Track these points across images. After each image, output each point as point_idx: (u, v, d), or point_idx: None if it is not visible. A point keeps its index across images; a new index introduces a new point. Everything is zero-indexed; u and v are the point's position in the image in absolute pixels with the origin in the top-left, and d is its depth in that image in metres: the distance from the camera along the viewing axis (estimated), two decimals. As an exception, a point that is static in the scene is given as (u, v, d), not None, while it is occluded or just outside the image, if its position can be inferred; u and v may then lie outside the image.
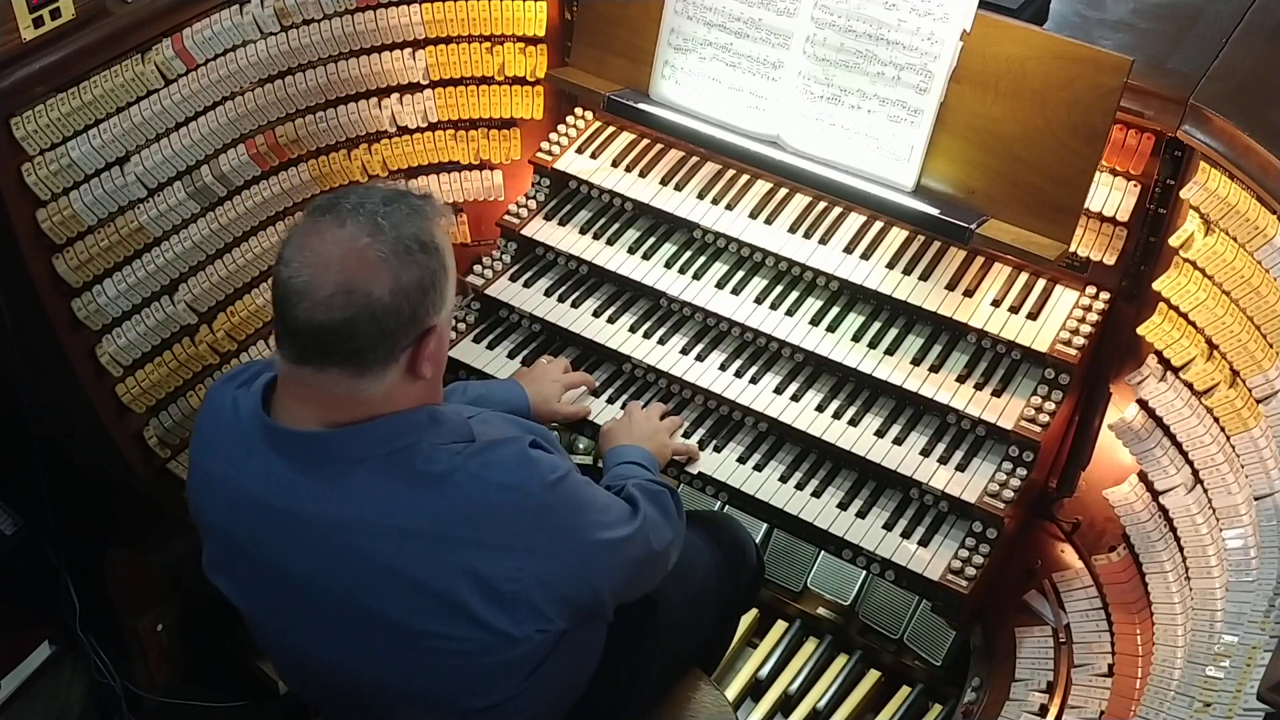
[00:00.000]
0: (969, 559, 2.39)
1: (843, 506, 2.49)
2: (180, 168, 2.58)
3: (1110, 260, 2.53)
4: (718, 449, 2.59)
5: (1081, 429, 2.65)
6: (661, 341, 2.72)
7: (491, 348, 2.80)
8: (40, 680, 2.88)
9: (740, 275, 2.75)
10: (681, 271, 2.77)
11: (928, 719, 2.86)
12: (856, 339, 2.62)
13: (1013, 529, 2.49)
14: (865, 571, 2.47)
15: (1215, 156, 2.28)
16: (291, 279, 1.69)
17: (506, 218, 2.93)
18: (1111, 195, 2.49)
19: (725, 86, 2.74)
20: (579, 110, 3.04)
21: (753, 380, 2.64)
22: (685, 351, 2.70)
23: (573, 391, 2.64)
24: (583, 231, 2.88)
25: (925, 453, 2.50)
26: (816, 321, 2.65)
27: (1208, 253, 2.31)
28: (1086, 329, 2.51)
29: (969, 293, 2.60)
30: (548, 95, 3.07)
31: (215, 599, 1.98)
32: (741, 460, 2.57)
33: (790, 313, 2.67)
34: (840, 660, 3.00)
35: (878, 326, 2.64)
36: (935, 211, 2.55)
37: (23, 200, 2.33)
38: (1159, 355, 2.44)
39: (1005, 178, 2.51)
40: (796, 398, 2.60)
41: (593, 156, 2.95)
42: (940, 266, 2.66)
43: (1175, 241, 2.40)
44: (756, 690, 2.99)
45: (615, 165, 2.93)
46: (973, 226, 2.51)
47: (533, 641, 1.87)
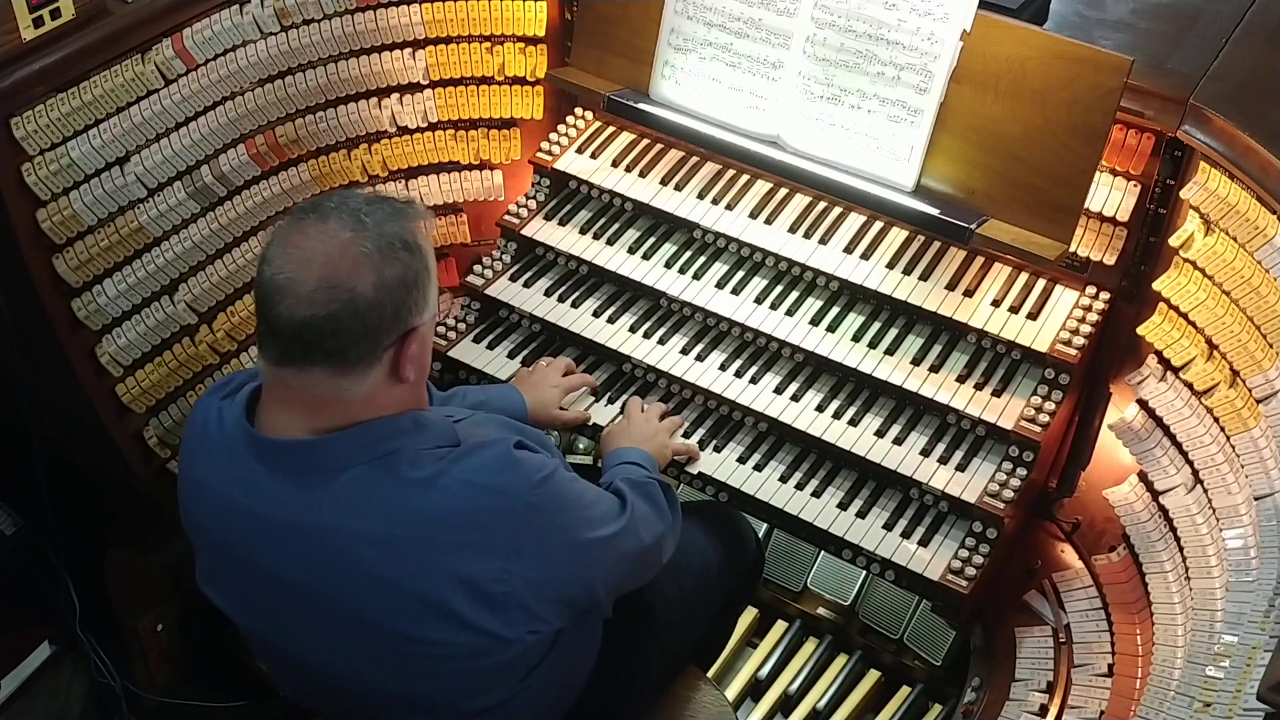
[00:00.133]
0: (969, 559, 2.39)
1: (843, 506, 2.49)
2: (180, 168, 2.58)
3: (1110, 260, 2.53)
4: (718, 449, 2.59)
5: (1081, 429, 2.65)
6: (661, 341, 2.72)
7: (491, 348, 2.80)
8: (40, 680, 2.88)
9: (740, 275, 2.75)
10: (681, 271, 2.77)
11: (927, 719, 2.86)
12: (856, 339, 2.62)
13: (1013, 529, 2.49)
14: (865, 571, 2.47)
15: (1215, 156, 2.28)
16: (274, 277, 1.69)
17: (506, 218, 2.93)
18: (1111, 195, 2.49)
19: (725, 86, 2.74)
20: (579, 110, 3.04)
21: (753, 380, 2.64)
22: (685, 351, 2.70)
23: (572, 394, 2.64)
24: (583, 231, 2.88)
25: (925, 453, 2.50)
26: (816, 321, 2.65)
27: (1208, 253, 2.31)
28: (1086, 329, 2.51)
29: (969, 293, 2.60)
30: (548, 95, 3.07)
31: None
32: (741, 460, 2.57)
33: (790, 313, 2.67)
34: (840, 660, 3.00)
35: (878, 326, 2.64)
36: (935, 211, 2.55)
37: (23, 200, 2.33)
38: (1159, 355, 2.44)
39: (1005, 178, 2.51)
40: (796, 398, 2.60)
41: (593, 156, 2.95)
42: (940, 266, 2.66)
43: (1175, 241, 2.40)
44: (756, 690, 2.99)
45: (615, 165, 2.93)
46: (973, 226, 2.51)
47: (526, 643, 1.87)
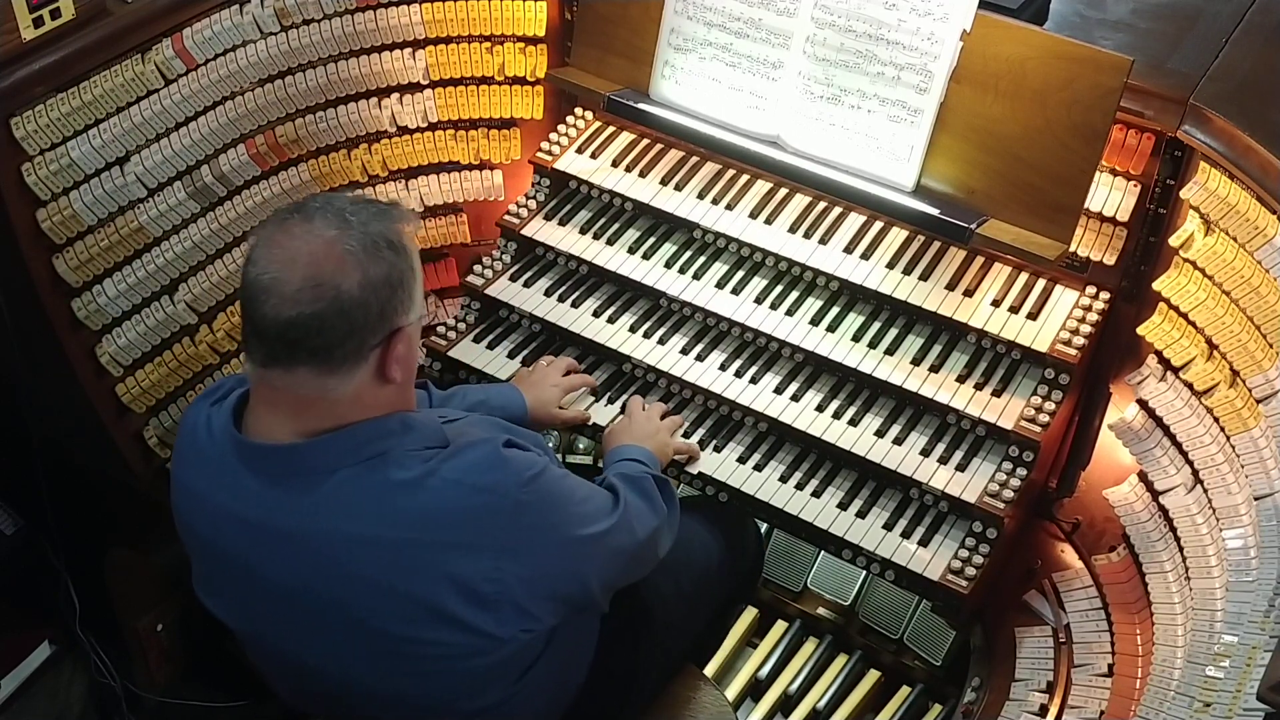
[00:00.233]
0: (969, 559, 2.39)
1: (843, 506, 2.49)
2: (180, 168, 2.58)
3: (1110, 260, 2.53)
4: (718, 449, 2.59)
5: (1081, 429, 2.65)
6: (661, 341, 2.72)
7: (491, 348, 2.80)
8: (40, 680, 2.88)
9: (740, 275, 2.75)
10: (681, 271, 2.77)
11: (928, 719, 2.86)
12: (856, 339, 2.62)
13: (1013, 529, 2.49)
14: (865, 571, 2.47)
15: (1215, 156, 2.28)
16: (259, 276, 1.69)
17: (506, 218, 2.93)
18: (1111, 195, 2.49)
19: (725, 86, 2.74)
20: (579, 110, 3.04)
21: (753, 380, 2.64)
22: (685, 351, 2.70)
23: (572, 393, 2.64)
24: (583, 231, 2.88)
25: (925, 453, 2.50)
26: (816, 321, 2.65)
27: (1208, 253, 2.31)
28: (1086, 329, 2.51)
29: (969, 293, 2.60)
30: (548, 95, 3.07)
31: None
32: (741, 460, 2.57)
33: (790, 313, 2.67)
34: (840, 660, 3.00)
35: (878, 326, 2.64)
36: (935, 211, 2.55)
37: (23, 200, 2.33)
38: (1159, 355, 2.44)
39: (1005, 178, 2.51)
40: (796, 398, 2.60)
41: (593, 156, 2.95)
42: (940, 266, 2.66)
43: (1175, 241, 2.40)
44: (756, 690, 2.99)
45: (615, 165, 2.93)
46: (973, 226, 2.51)
47: (519, 641, 1.87)
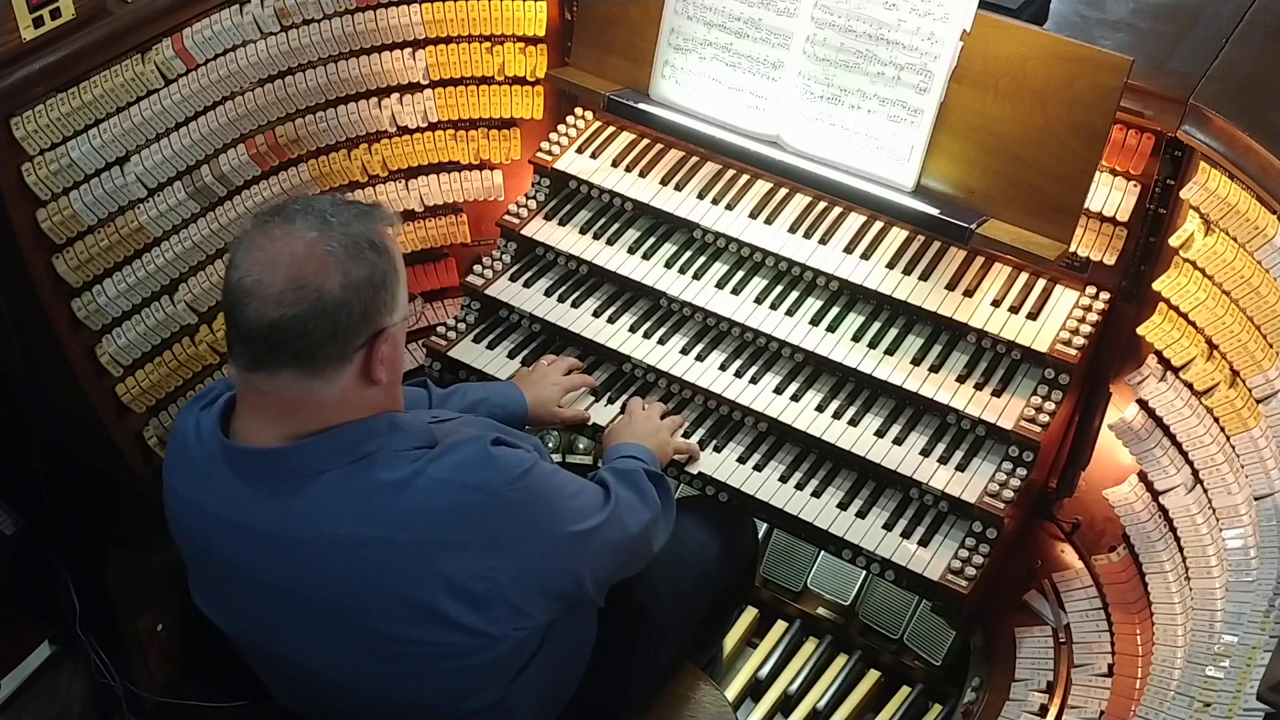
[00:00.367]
0: (969, 559, 2.39)
1: (843, 506, 2.49)
2: (180, 168, 2.58)
3: (1110, 260, 2.53)
4: (718, 449, 2.59)
5: (1081, 429, 2.65)
6: (661, 341, 2.72)
7: (491, 348, 2.80)
8: (40, 680, 2.88)
9: (740, 275, 2.75)
10: (681, 271, 2.77)
11: (927, 719, 2.86)
12: (856, 339, 2.62)
13: (1013, 529, 2.49)
14: (865, 571, 2.47)
15: (1215, 156, 2.27)
16: (241, 280, 1.69)
17: (506, 218, 2.93)
18: (1111, 195, 2.49)
19: (725, 86, 2.74)
20: (579, 110, 3.04)
21: (753, 380, 2.64)
22: (685, 351, 2.70)
23: (572, 394, 2.64)
24: (583, 231, 2.88)
25: (925, 453, 2.50)
26: (816, 321, 2.65)
27: (1208, 253, 2.31)
28: (1086, 329, 2.51)
29: (969, 293, 2.60)
30: (548, 95, 3.07)
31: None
32: (741, 460, 2.57)
33: (790, 313, 2.67)
34: (840, 660, 3.00)
35: (878, 326, 2.64)
36: (935, 211, 2.55)
37: (23, 200, 2.32)
38: (1159, 355, 2.44)
39: (1005, 178, 2.51)
40: (796, 398, 2.60)
41: (593, 156, 2.95)
42: (940, 266, 2.66)
43: (1175, 241, 2.40)
44: (756, 690, 2.99)
45: (615, 165, 2.93)
46: (973, 226, 2.51)
47: (513, 639, 1.87)
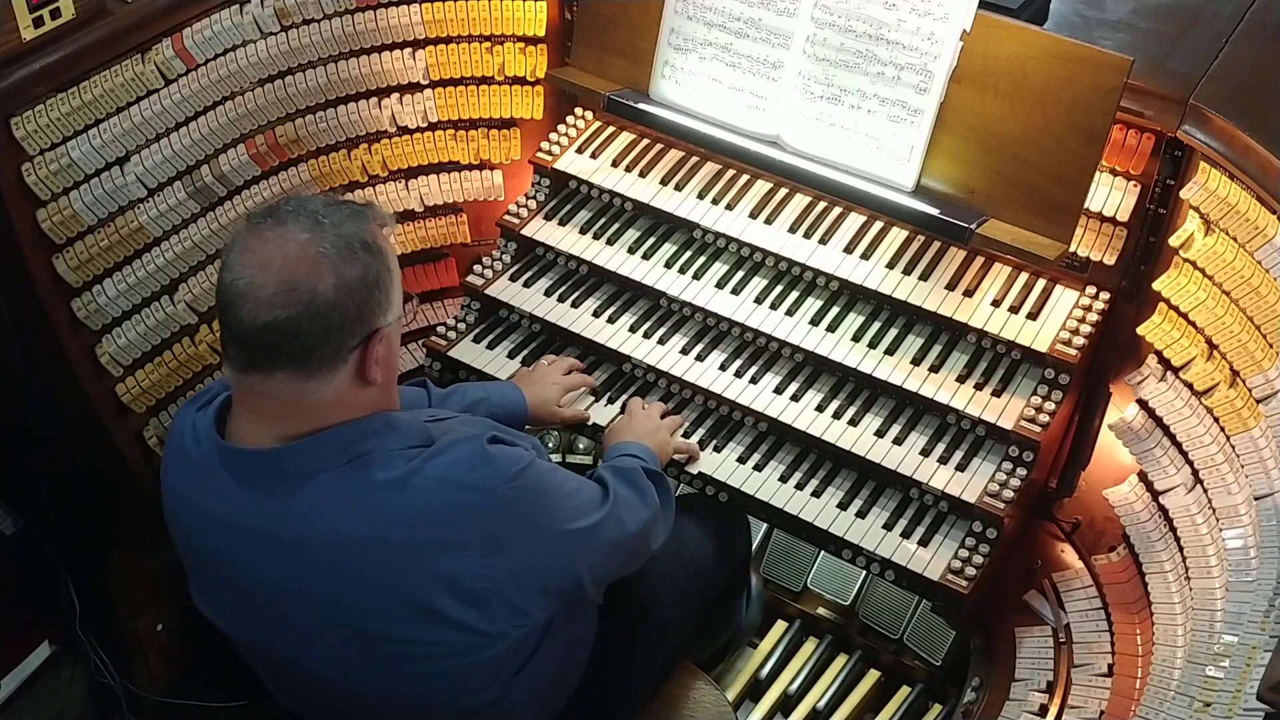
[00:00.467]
0: (969, 559, 2.39)
1: (843, 506, 2.49)
2: (180, 168, 2.58)
3: (1110, 260, 2.53)
4: (718, 449, 2.59)
5: (1081, 429, 2.65)
6: (661, 341, 2.72)
7: (491, 348, 2.80)
8: (40, 680, 2.88)
9: (740, 275, 2.75)
10: (681, 271, 2.77)
11: (927, 719, 2.86)
12: (856, 339, 2.62)
13: (1013, 529, 2.49)
14: (865, 571, 2.47)
15: (1215, 156, 2.27)
16: (234, 282, 1.69)
17: (506, 218, 2.93)
18: (1111, 195, 2.49)
19: (725, 86, 2.74)
20: (579, 110, 3.04)
21: (753, 380, 2.64)
22: (685, 351, 2.70)
23: (572, 394, 2.64)
24: (583, 231, 2.88)
25: (925, 453, 2.50)
26: (816, 321, 2.65)
27: (1208, 253, 2.31)
28: (1086, 329, 2.51)
29: (969, 293, 2.60)
30: (548, 95, 3.07)
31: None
32: (741, 460, 2.57)
33: (790, 313, 2.67)
34: (840, 660, 3.00)
35: (878, 326, 2.64)
36: (935, 211, 2.55)
37: (23, 200, 2.33)
38: (1159, 355, 2.44)
39: (1005, 178, 2.51)
40: (796, 398, 2.60)
41: (593, 156, 2.95)
42: (940, 266, 2.66)
43: (1175, 241, 2.40)
44: (756, 690, 2.98)
45: (615, 165, 2.93)
46: (973, 226, 2.51)
47: (512, 638, 1.87)
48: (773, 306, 2.68)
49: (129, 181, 2.48)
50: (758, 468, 2.56)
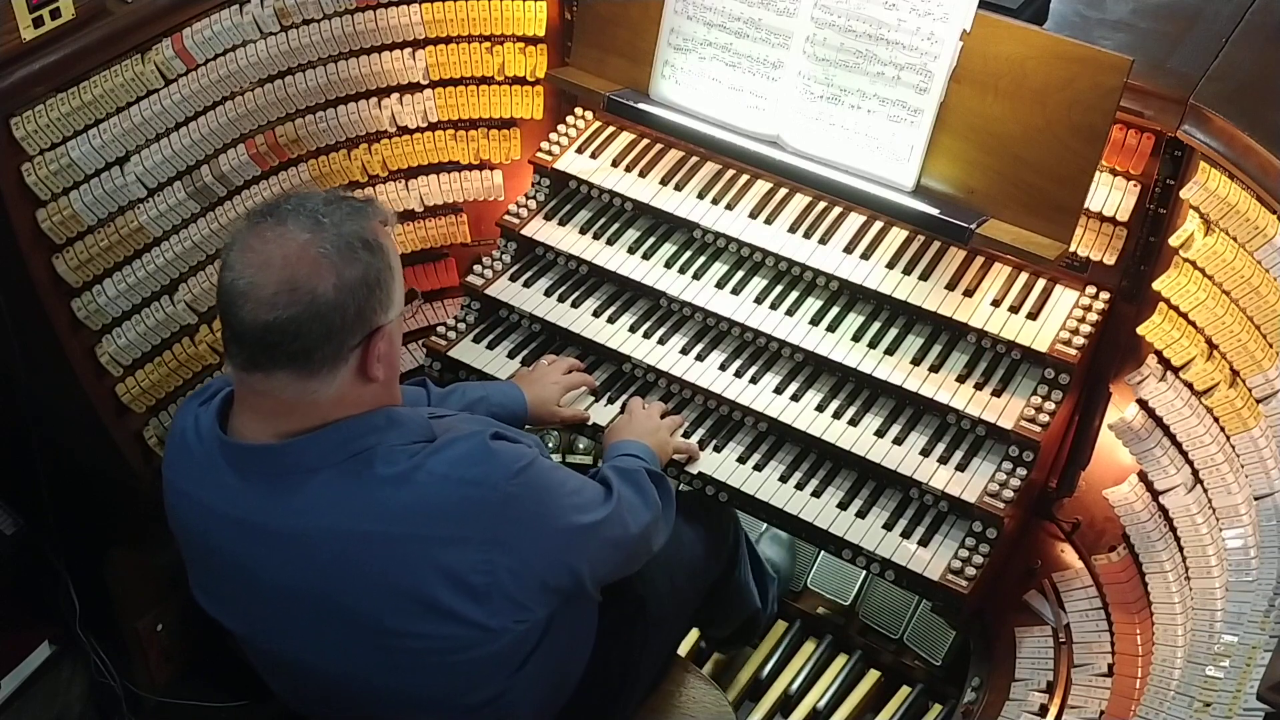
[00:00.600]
0: (969, 559, 2.39)
1: (843, 506, 2.49)
2: (180, 168, 2.58)
3: (1110, 260, 2.53)
4: (718, 449, 2.59)
5: (1081, 429, 2.65)
6: (661, 341, 2.72)
7: (491, 348, 2.80)
8: (40, 680, 2.88)
9: (740, 275, 2.75)
10: (681, 271, 2.77)
11: (927, 719, 2.86)
12: (856, 339, 2.62)
13: (1013, 529, 2.49)
14: (865, 571, 2.47)
15: (1215, 156, 2.27)
16: (235, 281, 1.70)
17: (506, 218, 2.93)
18: (1111, 195, 2.49)
19: (725, 86, 2.74)
20: (579, 110, 3.04)
21: (753, 380, 2.64)
22: (685, 351, 2.70)
23: (572, 394, 2.64)
24: (583, 231, 2.88)
25: (925, 453, 2.50)
26: (816, 321, 2.65)
27: (1208, 253, 2.31)
28: (1086, 329, 2.51)
29: (969, 293, 2.60)
30: (548, 95, 3.07)
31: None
32: (741, 460, 2.57)
33: (790, 313, 2.67)
34: (840, 660, 3.00)
35: (878, 326, 2.64)
36: (935, 211, 2.55)
37: (23, 200, 2.32)
38: (1159, 355, 2.44)
39: (1005, 178, 2.51)
40: (796, 398, 2.60)
41: (593, 156, 2.95)
42: (940, 266, 2.66)
43: (1175, 241, 2.40)
44: (756, 690, 2.99)
45: (615, 165, 2.93)
46: (973, 226, 2.51)
47: (514, 633, 1.88)
48: (773, 306, 2.68)
49: (129, 181, 2.48)
50: (758, 468, 2.56)
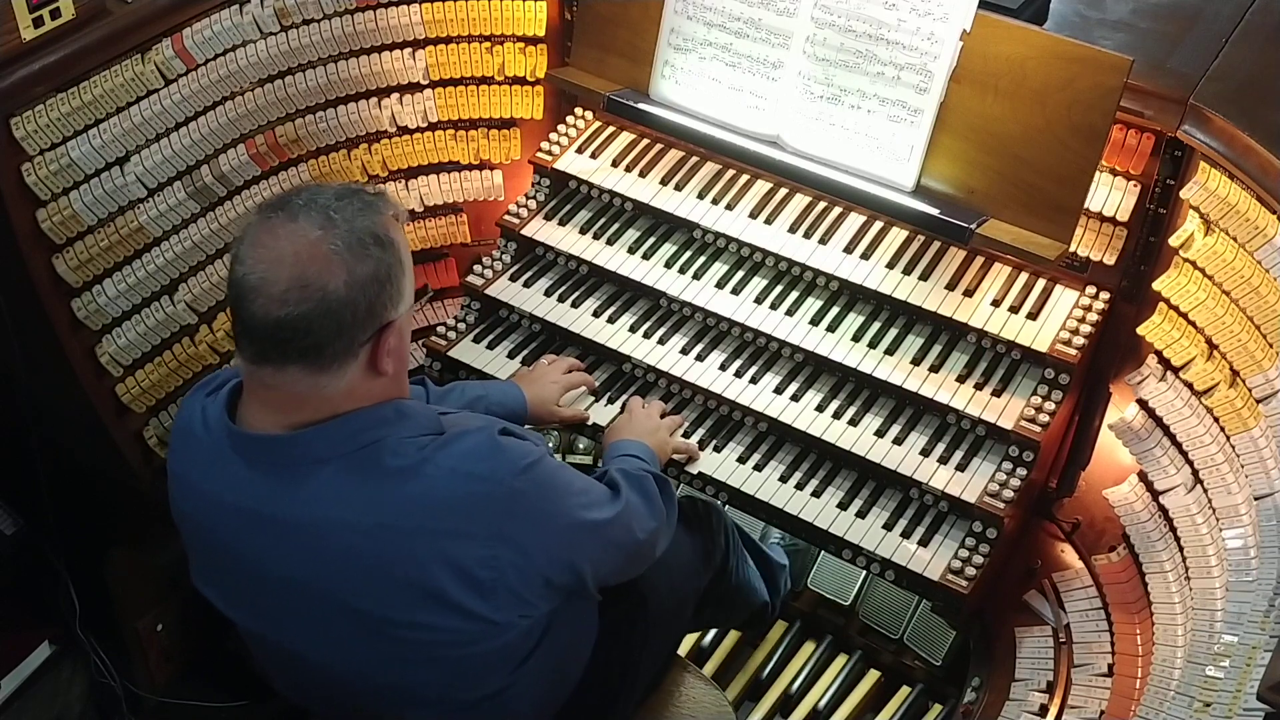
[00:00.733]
0: (969, 559, 2.39)
1: (843, 506, 2.49)
2: (180, 168, 2.58)
3: (1110, 260, 2.53)
4: (718, 449, 2.59)
5: (1081, 429, 2.65)
6: (661, 341, 2.72)
7: (491, 348, 2.80)
8: (40, 680, 2.88)
9: (740, 275, 2.75)
10: (681, 271, 2.77)
11: (927, 719, 2.86)
12: (856, 339, 2.62)
13: (1013, 529, 2.49)
14: (865, 571, 2.47)
15: (1215, 156, 2.27)
16: (246, 276, 1.69)
17: (506, 218, 2.93)
18: (1111, 195, 2.49)
19: (725, 86, 2.74)
20: (579, 110, 3.04)
21: (753, 380, 2.64)
22: (685, 351, 2.70)
23: (571, 393, 2.64)
24: (583, 231, 2.88)
25: (925, 453, 2.50)
26: (816, 321, 2.65)
27: (1208, 253, 2.31)
28: (1086, 329, 2.51)
29: (969, 293, 2.60)
30: (548, 95, 3.07)
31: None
32: (741, 460, 2.57)
33: (790, 313, 2.67)
34: (840, 660, 3.00)
35: (878, 326, 2.64)
36: (935, 211, 2.55)
37: (23, 200, 2.33)
38: (1159, 355, 2.44)
39: (1005, 178, 2.51)
40: (796, 398, 2.60)
41: (593, 156, 2.95)
42: (940, 266, 2.66)
43: (1175, 241, 2.40)
44: (756, 690, 2.99)
45: (615, 165, 2.93)
46: (973, 226, 2.51)
47: (517, 628, 1.88)
48: (773, 306, 2.68)
49: (129, 181, 2.48)
50: (758, 468, 2.56)
